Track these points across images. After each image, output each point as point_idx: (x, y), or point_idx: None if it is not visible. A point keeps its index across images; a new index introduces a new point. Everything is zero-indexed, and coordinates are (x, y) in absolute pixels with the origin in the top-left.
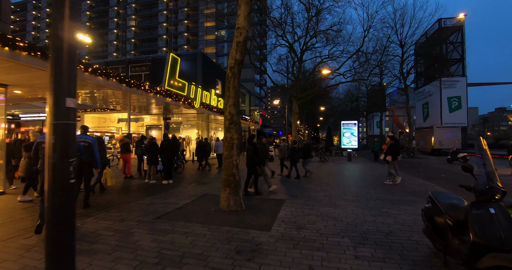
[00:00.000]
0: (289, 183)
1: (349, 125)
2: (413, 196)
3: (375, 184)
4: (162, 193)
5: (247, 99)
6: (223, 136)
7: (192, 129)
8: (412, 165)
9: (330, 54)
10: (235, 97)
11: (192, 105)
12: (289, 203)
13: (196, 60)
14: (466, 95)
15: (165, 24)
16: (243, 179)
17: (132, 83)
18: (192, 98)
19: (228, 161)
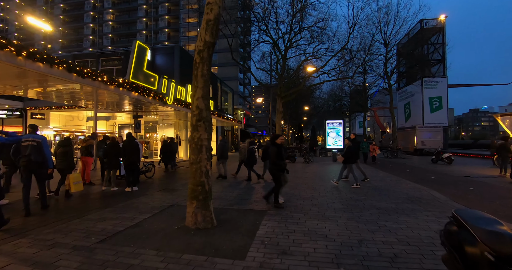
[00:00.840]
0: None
1: (334, 124)
2: (409, 203)
3: (365, 189)
4: (120, 204)
5: (230, 97)
6: (189, 136)
7: (169, 129)
8: (398, 166)
9: (314, 52)
10: (204, 88)
11: (164, 101)
12: (271, 215)
13: (173, 54)
14: (447, 96)
15: (144, 19)
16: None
17: (86, 73)
18: (164, 93)
19: (195, 167)
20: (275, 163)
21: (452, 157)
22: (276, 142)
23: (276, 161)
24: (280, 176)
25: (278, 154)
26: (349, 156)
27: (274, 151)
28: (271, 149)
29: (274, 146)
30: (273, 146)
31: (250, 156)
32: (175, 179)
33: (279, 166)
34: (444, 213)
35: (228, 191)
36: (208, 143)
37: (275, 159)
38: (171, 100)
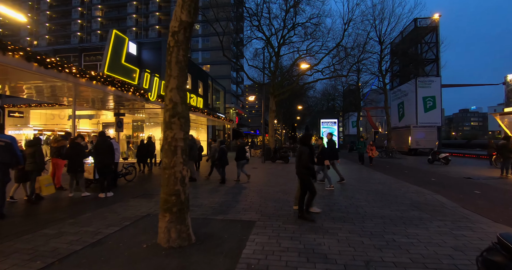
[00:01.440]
0: (263, 192)
1: (328, 123)
2: (415, 210)
3: (364, 193)
4: (87, 213)
5: (222, 96)
6: (162, 135)
7: (156, 128)
8: (394, 166)
9: (308, 49)
10: (179, 77)
11: (146, 97)
12: (260, 227)
13: (160, 49)
14: (440, 95)
15: (135, 16)
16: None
17: (49, 63)
18: (146, 88)
19: (168, 173)
20: (308, 168)
21: (449, 157)
22: (307, 142)
23: (310, 165)
24: (310, 181)
25: (311, 157)
26: (323, 156)
27: (306, 153)
28: (302, 150)
29: (306, 147)
30: (304, 147)
31: (221, 156)
32: (157, 183)
33: (312, 171)
34: (456, 223)
35: (214, 196)
36: (185, 143)
37: (309, 163)
38: (154, 96)
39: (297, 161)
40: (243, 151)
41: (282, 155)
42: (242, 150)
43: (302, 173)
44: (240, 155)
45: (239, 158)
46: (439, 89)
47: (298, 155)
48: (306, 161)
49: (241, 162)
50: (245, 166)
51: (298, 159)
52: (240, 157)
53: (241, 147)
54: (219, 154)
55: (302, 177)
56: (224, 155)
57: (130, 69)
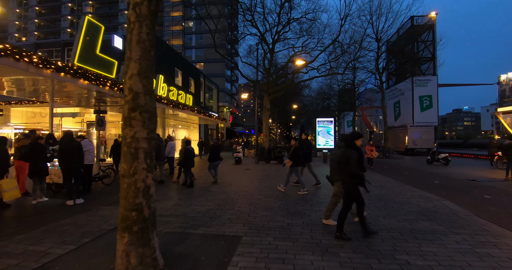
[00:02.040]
0: (253, 198)
1: (324, 122)
2: (425, 220)
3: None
4: (44, 226)
5: (215, 94)
6: (121, 133)
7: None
8: (393, 167)
9: (303, 46)
10: (141, 61)
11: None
12: (247, 245)
13: None
14: (437, 95)
15: (126, 12)
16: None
17: (2, 50)
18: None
19: (127, 182)
20: (357, 175)
21: (448, 157)
22: (355, 143)
23: (359, 171)
24: (358, 191)
25: (361, 162)
26: (296, 158)
27: (355, 158)
28: (348, 154)
29: (354, 150)
30: (351, 150)
31: (187, 157)
32: None
33: (362, 180)
34: (476, 237)
35: (198, 203)
36: (149, 145)
37: (357, 169)
38: None
39: (337, 168)
40: (217, 151)
41: (276, 156)
42: (215, 151)
43: (347, 182)
44: (214, 156)
45: (212, 159)
46: (436, 88)
47: (343, 161)
48: (355, 167)
49: (214, 163)
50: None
51: (344, 166)
52: (214, 157)
53: (214, 148)
54: (184, 155)
55: (347, 187)
56: (190, 157)
57: (107, 61)
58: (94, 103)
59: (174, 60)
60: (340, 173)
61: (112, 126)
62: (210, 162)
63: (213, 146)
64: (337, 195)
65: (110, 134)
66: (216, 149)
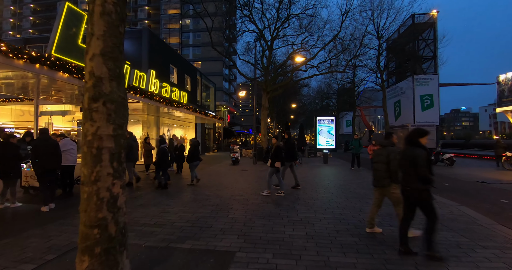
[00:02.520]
0: (249, 203)
1: (325, 121)
2: (446, 230)
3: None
4: (5, 239)
5: (212, 92)
6: (82, 130)
7: (136, 126)
8: None
9: (303, 43)
10: (107, 37)
11: None
12: (241, 263)
13: (140, 39)
14: (438, 94)
15: None
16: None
17: None
18: None
19: (88, 191)
20: (428, 180)
21: (453, 158)
22: (420, 142)
23: (430, 176)
24: (434, 203)
25: (429, 164)
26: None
27: (424, 157)
28: (414, 153)
29: (420, 149)
30: (417, 148)
31: (162, 157)
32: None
33: (432, 185)
34: (507, 251)
35: (188, 209)
36: (116, 144)
37: (428, 174)
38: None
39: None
40: (196, 151)
41: None
42: (194, 150)
43: (417, 190)
44: (193, 156)
45: (191, 159)
46: (437, 87)
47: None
48: (424, 171)
49: (193, 164)
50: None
51: (409, 168)
52: (193, 158)
53: (193, 147)
54: (158, 155)
55: (420, 196)
56: (165, 156)
57: None
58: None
59: (168, 57)
60: (389, 176)
61: None
62: (189, 163)
63: (192, 146)
64: (399, 203)
65: None
66: (195, 149)
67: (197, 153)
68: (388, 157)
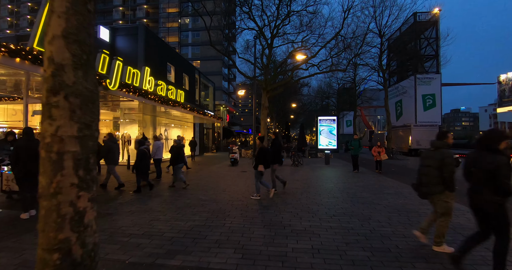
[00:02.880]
0: (249, 209)
1: (327, 121)
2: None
3: (384, 212)
4: None
5: (211, 92)
6: (40, 130)
7: (132, 125)
8: (401, 170)
9: (303, 41)
10: (70, 16)
11: (104, 85)
12: None
13: (137, 35)
14: (440, 93)
15: (121, 8)
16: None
17: None
18: (103, 74)
19: (47, 206)
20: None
21: (459, 159)
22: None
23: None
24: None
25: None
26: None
27: (504, 165)
28: (498, 160)
29: (503, 156)
30: (500, 156)
31: (141, 160)
32: (116, 195)
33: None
34: None
35: (182, 216)
36: (83, 147)
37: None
38: (116, 84)
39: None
40: (179, 153)
41: None
42: (178, 152)
43: (495, 203)
44: (177, 158)
45: (175, 161)
46: (439, 87)
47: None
48: (508, 181)
49: (178, 166)
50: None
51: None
52: (177, 160)
53: (177, 149)
54: (137, 157)
55: (498, 209)
56: (144, 159)
57: None
58: None
59: (166, 55)
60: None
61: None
62: (173, 166)
63: (176, 147)
64: (449, 213)
65: None
66: (180, 150)
67: (182, 155)
68: (442, 161)
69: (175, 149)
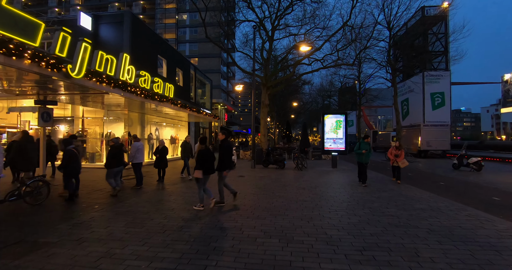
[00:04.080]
0: (247, 235)
1: (334, 120)
2: None
3: (433, 240)
4: None
5: (208, 89)
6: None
7: (118, 124)
8: (419, 174)
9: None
10: None
11: (64, 71)
12: None
13: (122, 23)
14: (450, 91)
15: (117, 4)
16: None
17: None
18: (63, 57)
19: None
20: None
21: (481, 162)
22: None
23: None
24: None
25: None
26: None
27: None
28: None
29: None
30: None
31: (68, 161)
32: (73, 211)
33: None
34: None
35: (146, 249)
36: None
37: None
38: (82, 71)
39: None
40: (118, 154)
41: (276, 159)
42: (117, 154)
43: None
44: (113, 160)
45: (111, 165)
46: (448, 85)
47: None
48: None
49: (113, 170)
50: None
51: None
52: (113, 162)
53: (115, 150)
54: (64, 158)
55: None
56: (74, 160)
57: (25, 21)
58: (31, 89)
59: (156, 47)
60: None
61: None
62: (108, 169)
63: (113, 148)
64: None
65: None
66: (118, 151)
67: (120, 157)
68: None
69: (112, 150)
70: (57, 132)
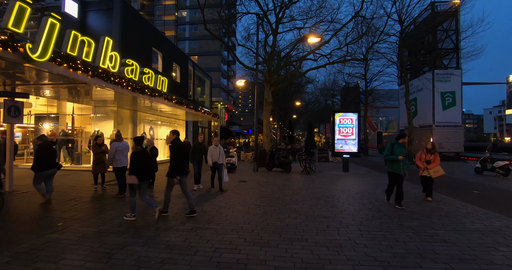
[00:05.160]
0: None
1: (345, 119)
2: None
3: (490, 262)
4: None
5: (207, 87)
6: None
7: (107, 121)
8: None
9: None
10: None
11: (21, 51)
12: None
13: (112, 10)
14: (461, 91)
15: None
16: None
17: None
18: (20, 33)
19: None
20: None
21: (509, 166)
22: None
23: None
24: None
25: None
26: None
27: None
28: None
29: None
30: None
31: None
32: (25, 231)
33: None
34: None
35: None
36: None
37: None
38: (45, 53)
39: None
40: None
41: (281, 161)
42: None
43: None
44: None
45: (40, 167)
46: (460, 84)
47: None
48: None
49: (43, 174)
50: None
51: None
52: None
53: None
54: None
55: None
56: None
57: None
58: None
59: (151, 38)
60: None
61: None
62: (36, 172)
63: (42, 147)
64: None
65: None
66: (48, 150)
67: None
68: None
69: (41, 150)
70: (40, 131)
